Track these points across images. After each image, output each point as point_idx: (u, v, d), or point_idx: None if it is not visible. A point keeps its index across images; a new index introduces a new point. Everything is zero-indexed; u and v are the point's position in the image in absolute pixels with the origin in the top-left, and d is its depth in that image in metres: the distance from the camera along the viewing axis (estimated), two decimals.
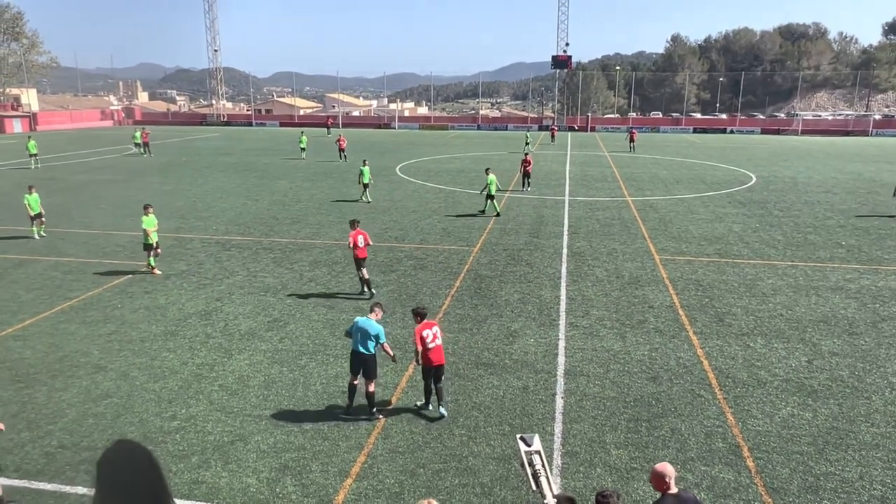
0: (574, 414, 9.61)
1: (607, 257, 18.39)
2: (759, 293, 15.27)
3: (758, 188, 32.04)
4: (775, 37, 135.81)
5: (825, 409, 9.81)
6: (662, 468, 5.60)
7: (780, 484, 7.95)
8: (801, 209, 26.18)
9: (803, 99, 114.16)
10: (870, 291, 15.45)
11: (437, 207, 26.11)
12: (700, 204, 27.30)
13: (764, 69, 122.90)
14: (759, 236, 21.19)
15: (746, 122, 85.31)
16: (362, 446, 8.70)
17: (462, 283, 15.96)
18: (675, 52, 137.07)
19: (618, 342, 12.28)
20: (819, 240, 20.79)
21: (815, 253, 19.11)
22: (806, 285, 15.93)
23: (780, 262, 18.13)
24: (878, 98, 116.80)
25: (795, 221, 23.66)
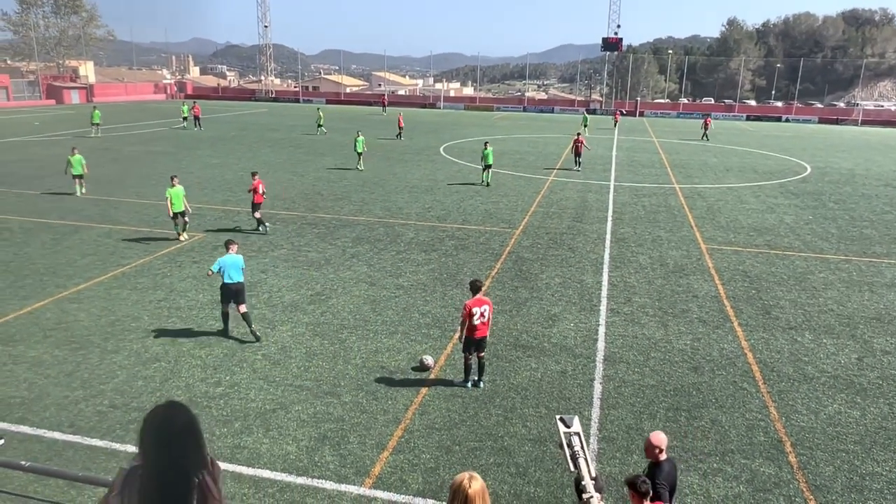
0: (612, 400, 9.54)
1: (652, 244, 18.08)
2: (809, 287, 14.82)
3: (812, 179, 30.98)
4: (838, 22, 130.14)
5: (874, 408, 9.51)
6: (659, 439, 5.80)
7: (823, 482, 7.76)
8: (857, 202, 25.23)
9: (865, 88, 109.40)
10: None
11: (480, 189, 26.02)
12: (750, 193, 26.55)
13: (825, 56, 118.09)
14: (811, 229, 20.53)
15: (803, 110, 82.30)
16: (399, 420, 8.82)
17: (503, 264, 15.92)
18: (730, 37, 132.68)
19: (659, 330, 12.11)
20: (875, 234, 20.03)
21: (870, 248, 18.43)
22: (860, 281, 15.39)
23: (832, 255, 17.55)
24: None
25: (851, 215, 22.83)
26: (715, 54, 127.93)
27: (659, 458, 5.81)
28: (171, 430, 2.71)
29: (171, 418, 2.74)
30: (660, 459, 5.81)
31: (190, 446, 2.77)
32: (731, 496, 7.45)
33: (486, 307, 9.52)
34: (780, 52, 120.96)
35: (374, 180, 27.32)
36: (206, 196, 23.13)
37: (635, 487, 5.12)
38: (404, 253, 16.68)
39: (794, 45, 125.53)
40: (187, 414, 2.77)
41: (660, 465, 5.81)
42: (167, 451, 2.71)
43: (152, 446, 2.72)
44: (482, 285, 9.77)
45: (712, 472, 7.89)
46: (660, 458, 5.81)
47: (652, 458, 5.86)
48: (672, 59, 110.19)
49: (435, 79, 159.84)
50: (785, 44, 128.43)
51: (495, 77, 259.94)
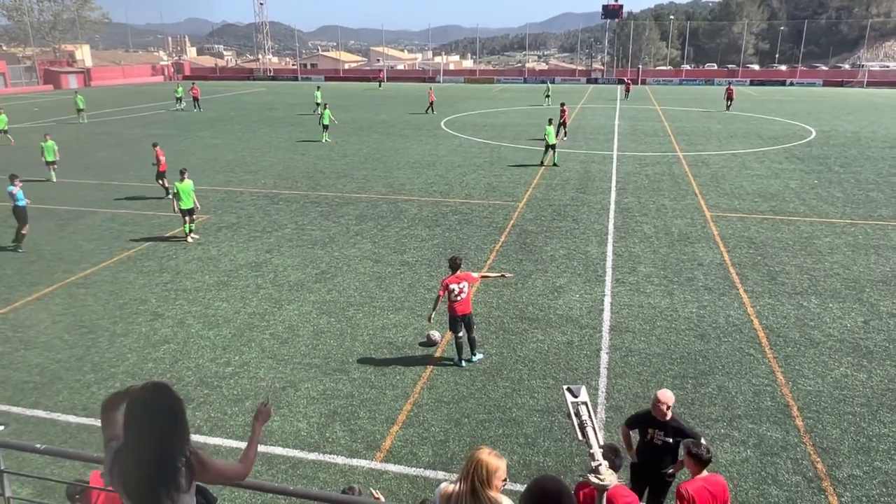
0: (619, 369, 9.59)
1: (656, 213, 18.01)
2: (815, 252, 14.78)
3: (817, 143, 30.70)
4: None
5: (881, 370, 9.54)
6: (667, 396, 5.97)
7: (830, 444, 7.82)
8: (863, 165, 25.02)
9: (871, 49, 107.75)
10: None
11: (482, 162, 25.89)
12: (755, 159, 26.34)
13: (829, 17, 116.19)
14: (816, 193, 20.40)
15: (807, 73, 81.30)
16: (408, 395, 8.90)
17: (507, 237, 15.91)
18: (732, 0, 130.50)
19: (665, 299, 12.12)
20: (882, 197, 19.90)
21: (876, 211, 18.32)
22: (865, 244, 15.34)
23: (838, 219, 17.46)
24: None
25: (857, 178, 22.66)
26: (717, 19, 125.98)
27: (666, 415, 5.92)
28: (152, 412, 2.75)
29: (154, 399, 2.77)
30: (666, 417, 5.92)
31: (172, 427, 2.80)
32: (738, 461, 7.52)
33: (465, 283, 9.48)
34: (784, 15, 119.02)
35: (376, 157, 27.20)
36: (208, 178, 23.09)
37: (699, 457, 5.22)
38: (408, 229, 16.67)
39: (798, 7, 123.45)
40: (171, 396, 2.80)
41: (668, 422, 5.94)
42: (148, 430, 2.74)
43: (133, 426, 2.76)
44: (461, 262, 9.74)
45: (720, 437, 7.95)
46: (667, 415, 5.92)
47: (659, 415, 5.95)
48: (674, 25, 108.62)
49: (434, 52, 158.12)
50: (788, 6, 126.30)
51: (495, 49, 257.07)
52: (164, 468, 2.75)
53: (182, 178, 15.87)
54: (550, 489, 2.83)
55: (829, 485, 7.11)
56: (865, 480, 7.18)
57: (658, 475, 6.12)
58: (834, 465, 7.43)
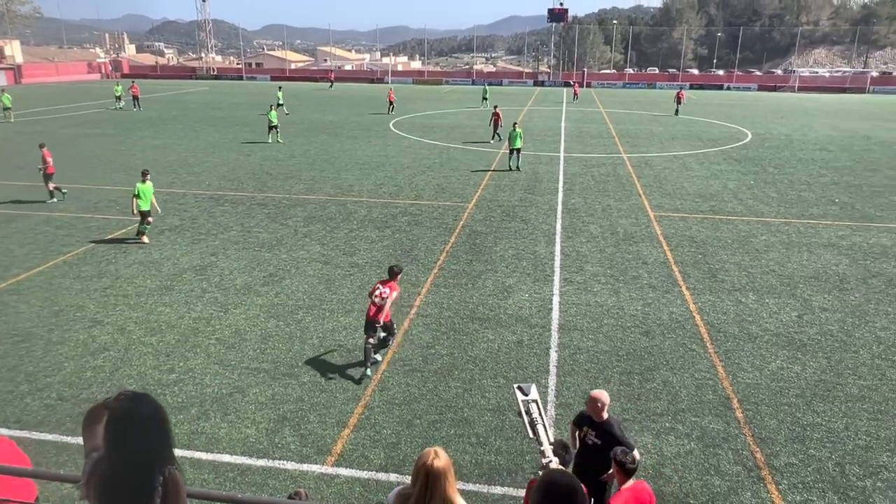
0: (568, 367, 9.75)
1: (602, 213, 18.40)
2: (752, 249, 15.36)
3: (753, 145, 31.93)
4: None
5: (814, 362, 9.99)
6: (604, 396, 5.97)
7: (768, 434, 8.14)
8: (795, 166, 26.16)
9: (801, 55, 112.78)
10: (861, 248, 15.57)
11: (432, 163, 25.93)
12: (695, 161, 27.21)
13: (762, 24, 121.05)
14: (753, 193, 21.22)
15: (743, 78, 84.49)
16: (359, 398, 8.83)
17: (457, 238, 15.97)
18: (672, 7, 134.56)
19: (612, 297, 12.39)
20: (813, 197, 20.84)
21: (808, 210, 19.18)
22: (798, 242, 16.03)
23: (773, 218, 18.20)
24: (877, 55, 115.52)
25: (790, 179, 23.67)
26: (658, 24, 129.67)
27: (602, 415, 5.94)
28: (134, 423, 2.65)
29: (135, 410, 2.67)
30: (603, 417, 5.95)
31: (154, 440, 2.71)
32: (682, 453, 7.75)
33: (388, 290, 9.49)
34: (721, 22, 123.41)
35: (324, 157, 26.90)
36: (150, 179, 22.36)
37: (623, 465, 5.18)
38: (358, 231, 16.55)
39: (734, 15, 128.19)
40: (153, 406, 2.71)
41: (602, 423, 5.93)
42: (129, 443, 2.64)
43: (113, 438, 2.66)
44: (398, 272, 9.85)
45: (665, 431, 8.18)
46: (602, 415, 5.94)
47: (594, 414, 5.96)
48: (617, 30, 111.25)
49: (382, 53, 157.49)
50: (725, 13, 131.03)
51: (443, 50, 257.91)
52: (140, 488, 2.65)
53: (144, 179, 15.62)
54: (563, 483, 2.74)
55: (767, 473, 7.40)
56: (801, 468, 7.51)
57: (593, 478, 5.94)
58: (772, 455, 7.74)
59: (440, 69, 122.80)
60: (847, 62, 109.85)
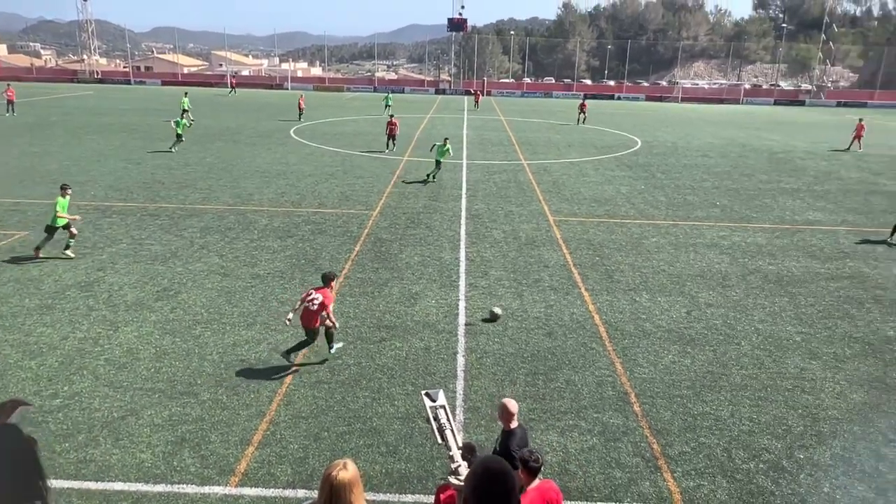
0: (475, 371, 9.88)
1: (505, 219, 18.83)
2: (644, 251, 16.20)
3: (642, 152, 33.74)
4: (658, 7, 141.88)
5: (702, 355, 10.65)
6: (513, 405, 6.03)
7: (663, 425, 8.59)
8: (680, 172, 27.87)
9: (683, 68, 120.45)
10: (740, 247, 16.79)
11: (335, 171, 25.60)
12: (591, 167, 28.41)
13: (648, 38, 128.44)
14: (643, 198, 22.40)
15: (632, 88, 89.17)
16: (264, 414, 8.55)
17: (362, 246, 15.83)
18: (566, 19, 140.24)
19: (515, 301, 12.68)
20: (697, 200, 22.27)
21: (693, 212, 20.47)
22: (685, 242, 17.07)
23: (662, 221, 19.29)
24: (748, 69, 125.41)
25: (676, 183, 25.18)
26: (553, 36, 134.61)
27: (511, 424, 6.01)
28: None
29: None
30: (511, 426, 6.02)
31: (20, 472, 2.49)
32: (586, 448, 8.03)
33: (319, 297, 9.42)
34: (611, 35, 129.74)
35: (221, 166, 25.93)
36: (27, 190, 20.76)
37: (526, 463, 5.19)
38: (259, 241, 16.06)
39: (623, 28, 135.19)
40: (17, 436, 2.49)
41: (513, 432, 6.01)
42: None
43: None
44: (331, 278, 9.78)
45: (568, 428, 8.45)
46: (511, 424, 6.02)
47: (506, 424, 6.04)
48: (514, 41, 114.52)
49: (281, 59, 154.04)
50: (614, 27, 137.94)
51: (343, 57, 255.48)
52: None
53: (63, 193, 14.39)
54: (495, 469, 2.83)
55: (663, 463, 7.80)
56: (693, 455, 7.97)
57: None
58: (667, 445, 8.17)
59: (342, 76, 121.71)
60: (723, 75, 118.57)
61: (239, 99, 63.29)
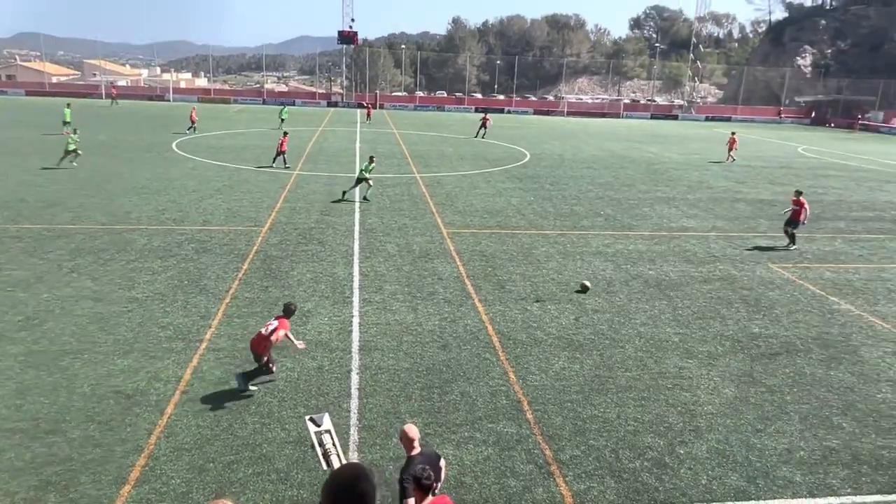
0: (369, 388, 9.72)
1: (398, 232, 18.79)
2: (534, 260, 16.67)
3: (531, 164, 34.88)
4: (543, 25, 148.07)
5: (590, 359, 11.05)
6: (412, 431, 5.82)
7: (555, 431, 8.81)
8: (567, 183, 29.03)
9: (568, 83, 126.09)
10: (622, 254, 17.66)
11: (221, 186, 24.60)
12: (482, 180, 29.00)
13: (534, 54, 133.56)
14: (533, 208, 23.11)
15: (521, 103, 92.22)
16: (142, 449, 7.97)
17: (251, 264, 15.25)
18: (456, 35, 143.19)
19: (410, 314, 12.64)
20: (583, 210, 23.25)
21: (579, 222, 21.34)
22: (573, 251, 17.74)
23: (551, 231, 19.96)
24: (627, 84, 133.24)
25: (563, 194, 26.18)
26: (444, 51, 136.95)
27: (412, 450, 5.79)
28: None
29: None
30: (412, 452, 5.78)
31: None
32: (481, 459, 8.08)
33: (275, 324, 9.45)
34: (500, 50, 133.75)
35: (94, 182, 24.22)
36: None
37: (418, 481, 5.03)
38: (136, 262, 15.08)
39: (510, 44, 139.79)
40: None
41: (412, 458, 5.72)
42: None
43: None
44: (293, 309, 9.84)
45: (464, 440, 8.48)
46: (412, 450, 5.79)
47: (407, 450, 5.83)
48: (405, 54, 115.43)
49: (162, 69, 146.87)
50: (503, 42, 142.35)
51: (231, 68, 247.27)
52: None
53: None
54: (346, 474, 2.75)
55: (556, 468, 7.99)
56: (583, 458, 8.22)
57: None
58: (559, 450, 8.38)
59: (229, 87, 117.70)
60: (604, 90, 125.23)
61: (116, 111, 59.66)
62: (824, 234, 20.17)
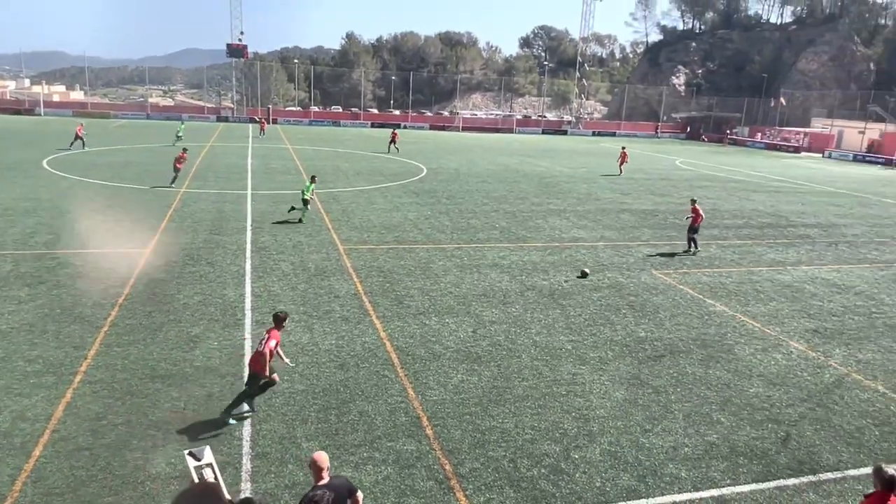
0: (263, 414, 9.33)
1: (293, 250, 18.30)
2: (432, 274, 16.73)
3: (428, 179, 35.16)
4: (437, 42, 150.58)
5: (487, 371, 11.18)
6: (321, 459, 5.67)
7: (455, 445, 8.81)
8: (463, 197, 29.47)
9: (462, 99, 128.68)
10: (518, 265, 18.09)
11: (99, 206, 23.03)
12: (379, 195, 28.89)
13: (429, 71, 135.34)
14: (430, 223, 23.26)
15: (417, 118, 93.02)
16: (4, 497, 7.21)
17: (132, 289, 14.31)
18: (350, 50, 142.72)
19: (306, 334, 12.30)
20: (479, 223, 23.65)
21: (475, 235, 21.68)
22: (470, 264, 17.97)
23: (448, 245, 20.14)
24: (519, 101, 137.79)
25: (460, 208, 26.54)
26: (338, 65, 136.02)
27: (320, 479, 5.61)
28: None
29: None
30: (320, 482, 5.60)
31: None
32: (381, 479, 7.93)
33: (265, 337, 9.22)
34: (394, 66, 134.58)
35: None
36: None
37: None
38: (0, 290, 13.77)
39: (405, 60, 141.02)
40: None
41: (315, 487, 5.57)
42: None
43: None
44: (283, 317, 9.51)
45: (363, 461, 8.29)
46: (320, 480, 5.60)
47: (315, 479, 5.64)
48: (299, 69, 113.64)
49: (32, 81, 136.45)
50: (397, 58, 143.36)
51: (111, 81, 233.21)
52: None
53: None
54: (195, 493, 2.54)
55: (455, 483, 7.97)
56: (482, 470, 8.26)
57: None
58: (458, 464, 8.37)
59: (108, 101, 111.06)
60: (498, 106, 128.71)
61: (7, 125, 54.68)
62: (701, 241, 21.59)
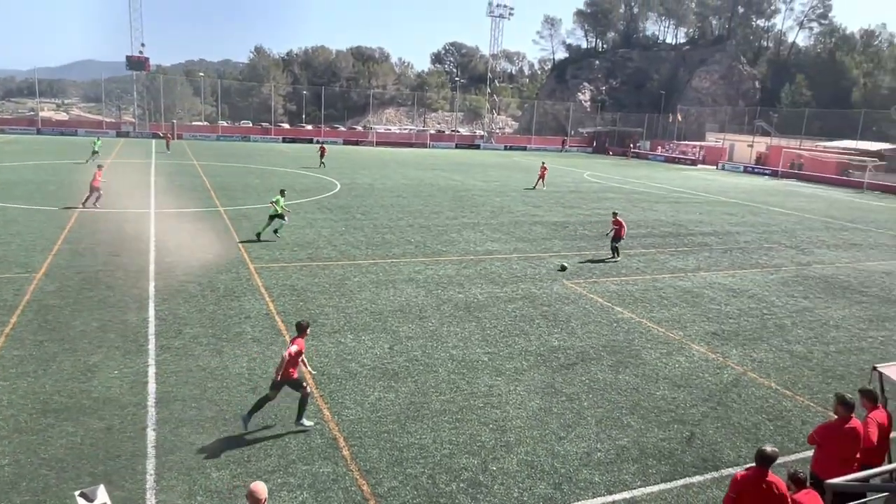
0: (169, 445, 8.85)
1: (200, 270, 17.59)
2: (347, 291, 16.51)
3: (342, 194, 34.80)
4: (349, 56, 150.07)
5: (405, 387, 11.10)
6: (258, 490, 5.59)
7: (372, 464, 8.67)
8: (378, 212, 29.34)
9: (375, 114, 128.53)
10: (433, 279, 18.15)
11: None
12: (291, 211, 28.26)
13: (341, 85, 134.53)
14: (345, 239, 22.99)
15: (330, 133, 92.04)
16: None
17: (21, 317, 13.30)
18: (259, 63, 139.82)
19: (215, 358, 11.81)
20: (394, 238, 23.59)
21: (391, 250, 21.61)
22: (385, 280, 17.86)
23: (363, 260, 19.96)
24: (432, 115, 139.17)
25: (374, 223, 26.40)
26: (247, 79, 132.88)
27: None
28: None
29: None
30: None
31: None
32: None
33: (288, 346, 9.40)
34: (305, 81, 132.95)
35: None
36: None
37: None
38: None
39: (316, 75, 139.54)
40: None
41: None
42: None
43: None
44: (305, 326, 9.72)
45: (277, 487, 8.01)
46: None
47: None
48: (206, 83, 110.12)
49: None
50: (308, 73, 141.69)
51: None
52: None
53: None
54: None
55: (374, 503, 7.84)
56: (401, 489, 8.16)
57: None
58: (377, 483, 8.24)
59: None
60: (411, 121, 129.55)
61: None
62: (609, 251, 22.44)
